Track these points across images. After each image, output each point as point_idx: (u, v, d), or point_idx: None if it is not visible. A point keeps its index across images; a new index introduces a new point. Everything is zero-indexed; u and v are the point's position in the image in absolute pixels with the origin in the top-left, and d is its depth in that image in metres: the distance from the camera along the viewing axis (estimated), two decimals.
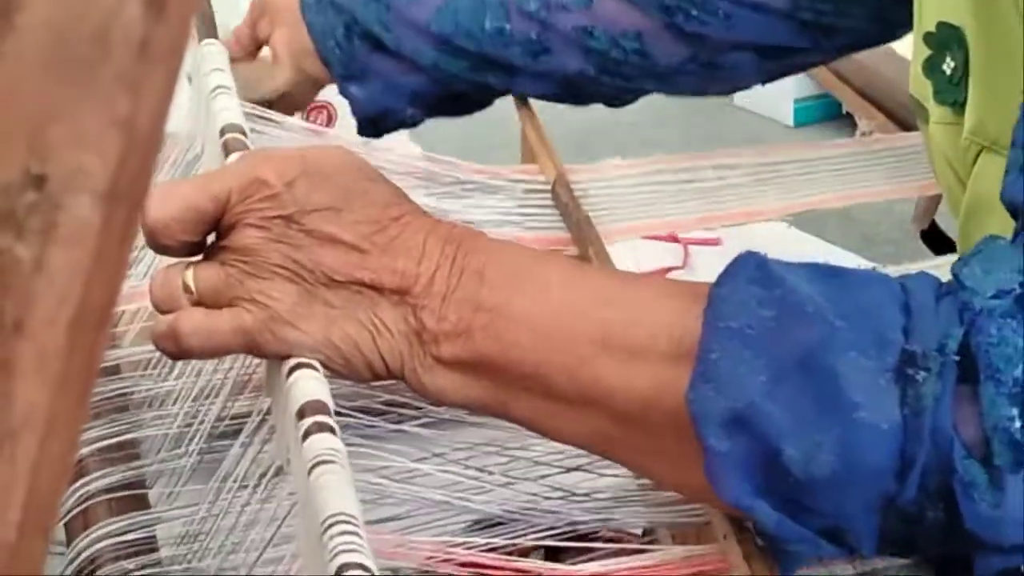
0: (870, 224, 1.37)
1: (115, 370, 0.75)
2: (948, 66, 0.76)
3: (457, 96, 1.00)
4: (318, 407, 0.57)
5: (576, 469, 0.68)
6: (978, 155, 0.74)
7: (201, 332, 0.60)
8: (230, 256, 0.60)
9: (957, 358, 0.54)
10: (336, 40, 0.98)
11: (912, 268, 0.84)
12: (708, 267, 0.91)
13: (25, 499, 0.33)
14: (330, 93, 1.07)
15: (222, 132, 0.73)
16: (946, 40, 0.77)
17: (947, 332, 0.55)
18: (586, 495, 0.67)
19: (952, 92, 0.76)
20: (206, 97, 0.77)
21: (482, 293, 0.60)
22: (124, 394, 0.73)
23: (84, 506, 0.67)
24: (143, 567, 0.64)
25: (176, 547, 0.65)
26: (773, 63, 0.96)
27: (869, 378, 0.54)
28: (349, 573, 0.49)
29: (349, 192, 0.61)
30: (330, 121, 1.41)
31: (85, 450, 0.69)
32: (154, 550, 0.65)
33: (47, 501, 0.34)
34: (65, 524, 0.66)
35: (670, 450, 0.58)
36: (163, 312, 0.62)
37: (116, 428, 0.70)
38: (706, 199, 0.94)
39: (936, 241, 1.13)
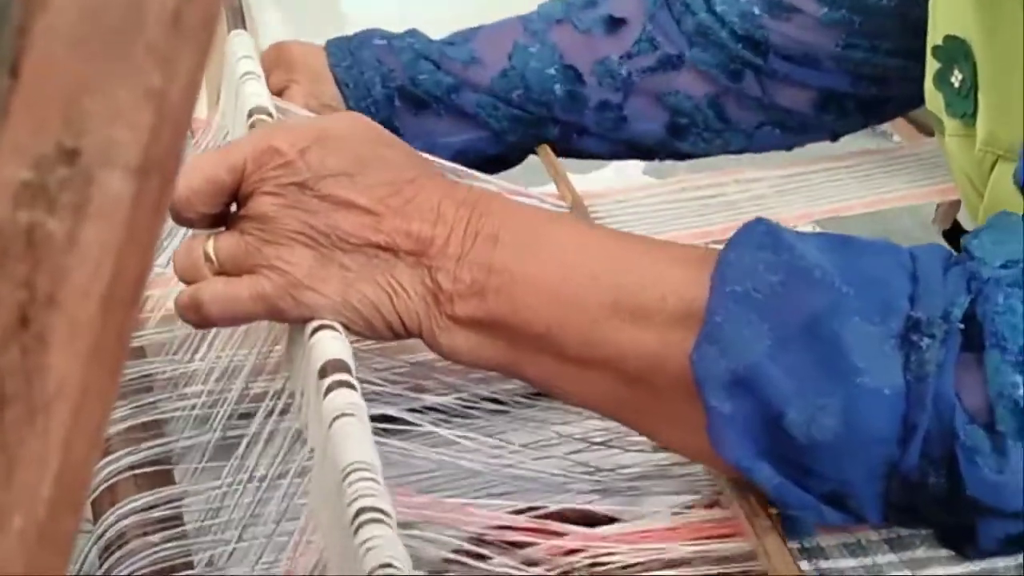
0: (892, 222, 1.38)
1: (140, 352, 0.75)
2: (956, 78, 0.77)
3: (504, 153, 1.00)
4: (339, 365, 0.58)
5: (603, 445, 0.68)
6: (994, 165, 0.74)
7: (221, 299, 0.61)
8: (248, 224, 0.61)
9: (962, 326, 0.54)
10: (373, 98, 0.96)
11: None
12: None
13: (57, 473, 0.34)
14: None
15: (249, 114, 0.74)
16: (953, 53, 0.77)
17: (953, 300, 0.55)
18: (611, 470, 0.67)
19: (962, 104, 0.77)
20: (236, 82, 0.78)
21: (495, 255, 0.60)
22: (149, 375, 0.73)
23: (111, 482, 0.67)
24: (169, 540, 0.64)
25: (201, 521, 0.65)
26: (833, 115, 0.97)
27: (873, 344, 0.55)
28: (368, 516, 0.50)
29: (364, 157, 0.61)
30: None
31: (112, 429, 0.70)
32: (180, 525, 0.65)
33: (79, 476, 0.34)
34: (92, 501, 0.67)
35: (676, 412, 0.59)
36: (187, 283, 0.63)
37: (141, 408, 0.71)
38: (730, 211, 0.94)
39: (958, 240, 1.14)
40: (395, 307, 0.61)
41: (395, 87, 0.96)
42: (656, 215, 0.93)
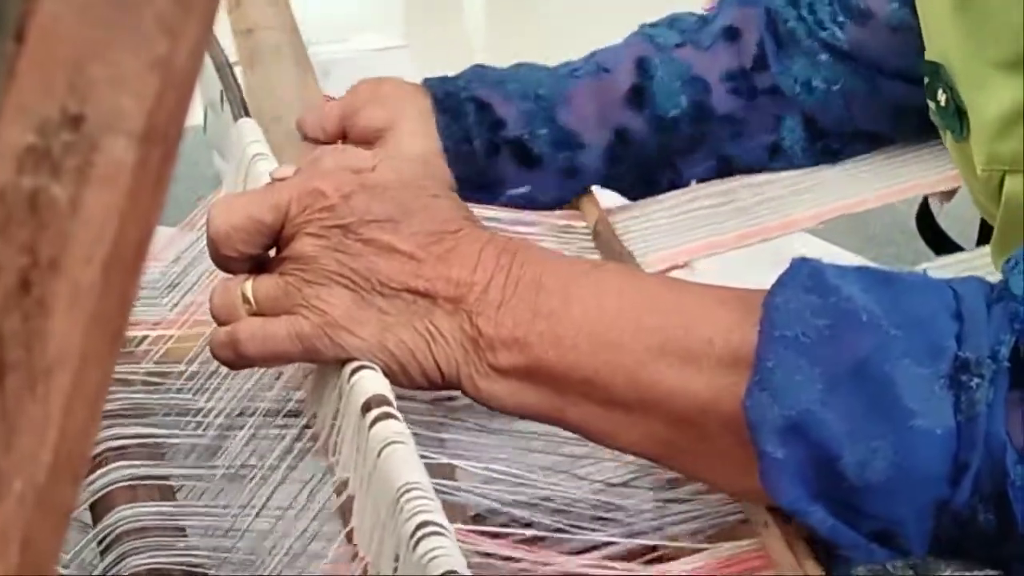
0: (873, 225, 1.38)
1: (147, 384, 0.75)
2: (941, 98, 0.78)
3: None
4: (382, 399, 0.58)
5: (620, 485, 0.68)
6: (1001, 180, 0.74)
7: (258, 338, 0.61)
8: (288, 265, 0.61)
9: (1008, 364, 0.55)
10: (473, 148, 0.92)
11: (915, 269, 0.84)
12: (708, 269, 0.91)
13: (57, 440, 0.34)
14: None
15: None
16: (934, 75, 0.78)
17: (999, 339, 0.55)
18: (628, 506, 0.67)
19: (951, 121, 0.77)
20: (246, 166, 0.77)
21: (539, 300, 0.60)
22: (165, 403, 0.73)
23: (109, 489, 0.67)
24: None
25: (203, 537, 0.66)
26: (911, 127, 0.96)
27: (924, 385, 0.55)
28: (428, 529, 0.51)
29: (408, 205, 0.62)
30: None
31: (114, 444, 0.69)
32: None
33: (78, 443, 0.34)
34: (91, 506, 0.67)
35: (726, 454, 0.59)
36: (221, 324, 0.62)
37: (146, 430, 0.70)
38: (742, 216, 0.93)
39: (936, 240, 1.14)
40: (432, 353, 0.60)
41: (506, 140, 0.92)
42: (670, 226, 0.93)
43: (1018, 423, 0.55)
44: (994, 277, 0.59)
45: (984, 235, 0.99)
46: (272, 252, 0.63)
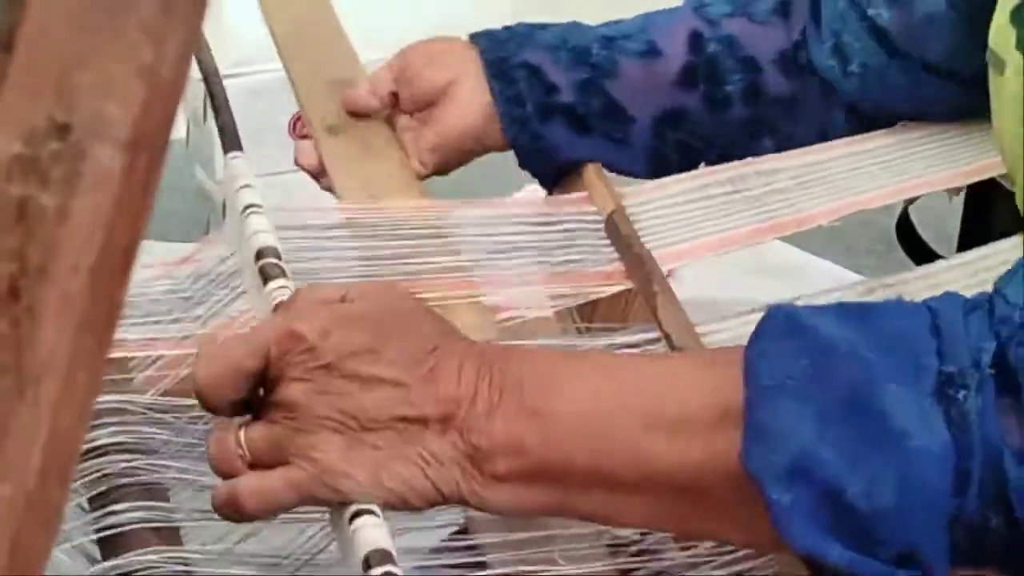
0: (853, 236, 1.40)
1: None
2: None
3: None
4: (382, 556, 0.58)
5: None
6: None
7: (257, 494, 0.61)
8: (277, 413, 0.61)
9: (992, 371, 0.56)
10: (526, 112, 0.93)
11: (894, 279, 0.85)
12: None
13: (46, 444, 0.34)
14: None
15: (257, 256, 0.73)
16: None
17: (979, 347, 0.56)
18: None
19: None
20: (238, 216, 0.77)
21: (525, 402, 0.61)
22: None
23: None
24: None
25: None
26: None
27: (913, 405, 0.56)
28: None
29: (385, 331, 0.62)
30: None
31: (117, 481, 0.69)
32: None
33: (67, 447, 0.35)
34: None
35: (735, 513, 0.59)
36: (220, 474, 0.63)
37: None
38: (754, 209, 0.92)
39: (916, 250, 1.15)
40: (428, 477, 0.61)
41: (558, 106, 0.93)
42: (681, 216, 0.91)
43: (1013, 427, 0.55)
44: (968, 291, 0.60)
45: (965, 243, 1.00)
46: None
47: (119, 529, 0.66)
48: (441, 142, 0.94)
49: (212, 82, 0.87)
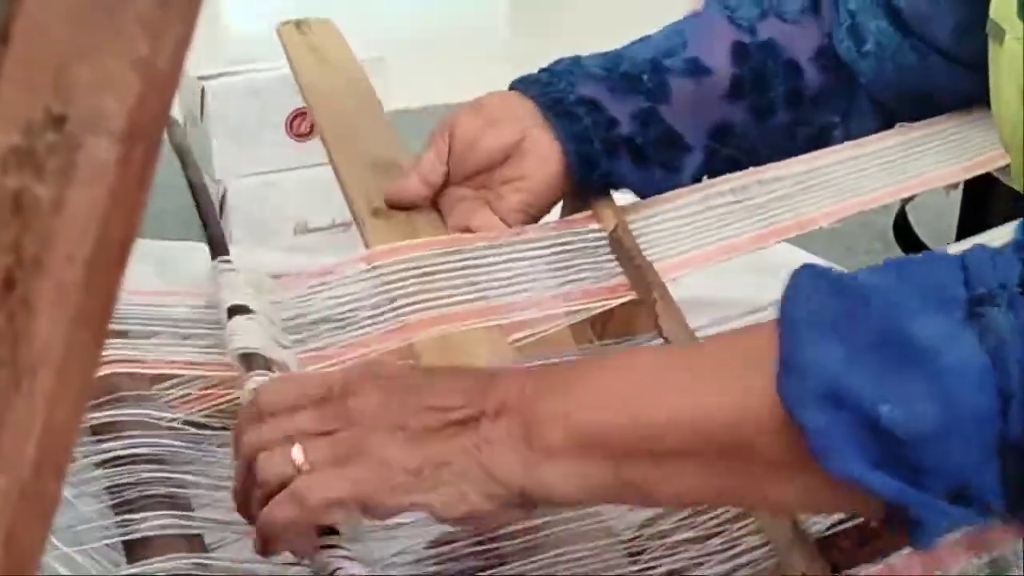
0: (853, 237, 1.40)
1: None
2: None
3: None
4: None
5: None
6: None
7: (319, 489, 0.61)
8: (337, 422, 0.63)
9: (1020, 289, 0.55)
10: (595, 149, 0.91)
11: None
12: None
13: (41, 436, 0.34)
14: None
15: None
16: None
17: (1006, 276, 0.56)
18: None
19: None
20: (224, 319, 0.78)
21: (568, 377, 0.62)
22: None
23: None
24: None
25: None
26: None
27: (943, 328, 0.55)
28: None
29: (432, 377, 0.65)
30: (313, 128, 1.42)
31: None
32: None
33: (62, 439, 0.35)
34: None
35: (779, 466, 0.59)
36: (273, 488, 0.62)
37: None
38: (755, 216, 0.93)
39: (913, 249, 1.15)
40: (482, 465, 0.61)
41: (619, 139, 0.92)
42: (684, 228, 0.92)
43: None
44: None
45: (962, 239, 1.00)
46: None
47: (143, 534, 0.66)
48: (529, 199, 0.92)
49: (199, 193, 0.88)
